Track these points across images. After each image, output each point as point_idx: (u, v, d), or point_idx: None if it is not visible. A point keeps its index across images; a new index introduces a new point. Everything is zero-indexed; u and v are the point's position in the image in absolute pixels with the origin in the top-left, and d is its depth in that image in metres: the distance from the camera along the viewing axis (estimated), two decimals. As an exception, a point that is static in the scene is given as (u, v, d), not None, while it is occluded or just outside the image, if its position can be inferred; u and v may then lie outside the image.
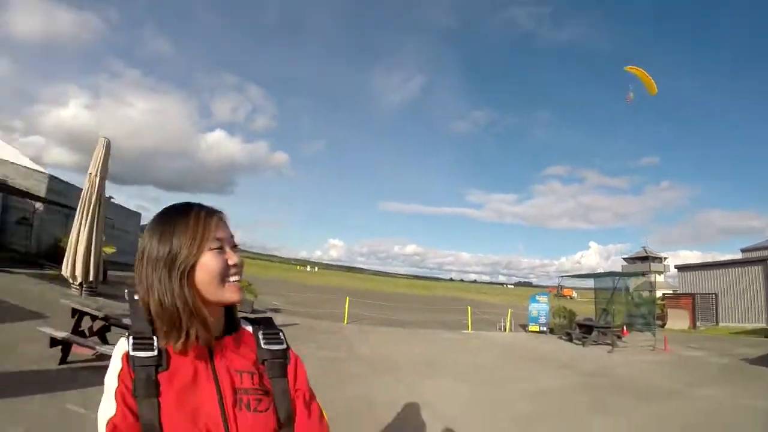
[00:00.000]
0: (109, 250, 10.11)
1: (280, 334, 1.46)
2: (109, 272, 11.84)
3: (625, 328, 17.43)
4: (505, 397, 7.78)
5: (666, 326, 27.47)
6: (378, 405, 6.54)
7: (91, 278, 8.25)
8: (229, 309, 1.40)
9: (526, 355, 12.55)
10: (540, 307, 19.21)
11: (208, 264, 1.28)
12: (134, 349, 1.26)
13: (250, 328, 1.46)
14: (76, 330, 7.00)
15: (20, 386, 5.47)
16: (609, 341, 14.86)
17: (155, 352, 1.26)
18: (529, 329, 19.05)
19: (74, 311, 7.11)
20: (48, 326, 7.09)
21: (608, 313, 19.59)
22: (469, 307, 20.84)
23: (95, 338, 7.20)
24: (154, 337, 1.29)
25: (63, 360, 6.69)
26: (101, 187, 8.39)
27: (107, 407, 1.22)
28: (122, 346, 1.30)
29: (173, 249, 1.29)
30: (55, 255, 16.41)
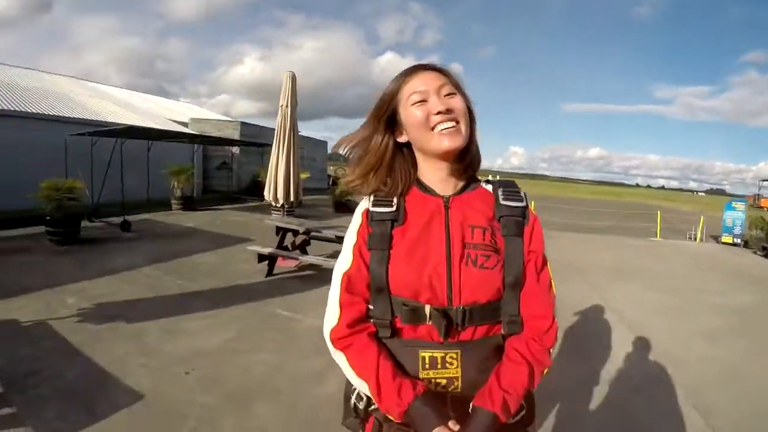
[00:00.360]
0: (304, 175, 10.81)
1: (521, 192, 1.42)
2: (304, 198, 12.76)
3: None
4: (693, 308, 7.22)
5: None
6: (563, 306, 6.47)
7: (291, 198, 8.93)
8: (470, 166, 1.40)
9: (718, 267, 11.47)
10: (736, 216, 17.08)
11: (405, 118, 1.34)
12: (374, 205, 1.37)
13: (491, 188, 1.44)
14: (280, 245, 7.62)
15: (232, 298, 6.04)
16: None
17: (393, 208, 1.35)
18: (722, 240, 16.97)
19: (278, 229, 7.76)
20: (255, 246, 7.79)
21: None
22: (659, 212, 19.66)
23: (297, 252, 7.79)
24: (394, 196, 1.38)
25: (269, 273, 7.31)
26: (293, 116, 8.97)
27: (344, 261, 1.36)
28: (364, 203, 1.42)
29: (379, 104, 1.39)
30: (254, 189, 17.85)
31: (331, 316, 1.33)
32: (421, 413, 1.21)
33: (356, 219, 1.40)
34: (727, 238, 17.07)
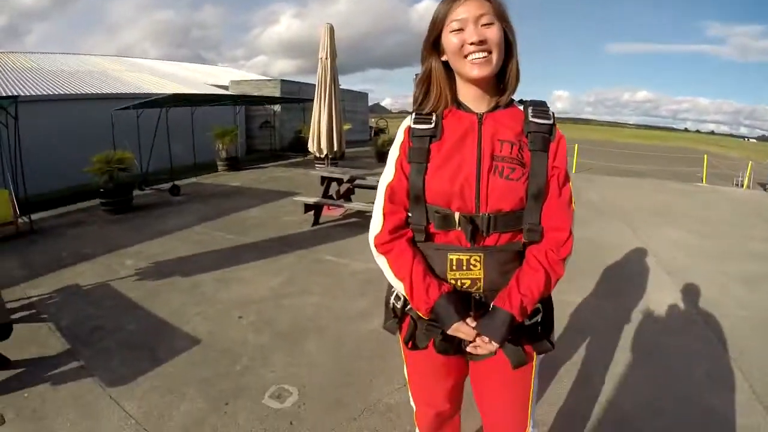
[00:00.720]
0: (346, 126, 10.87)
1: (550, 111, 1.49)
2: (346, 150, 12.86)
3: None
4: (735, 254, 6.95)
5: None
6: (603, 247, 6.38)
7: (335, 149, 9.04)
8: (505, 89, 1.48)
9: (763, 215, 11.01)
10: None
11: (445, 43, 1.43)
12: (415, 122, 1.50)
13: (522, 107, 1.52)
14: (326, 195, 7.80)
15: (281, 247, 6.25)
16: None
17: (431, 125, 1.48)
18: None
19: (323, 179, 7.91)
20: (301, 197, 7.93)
21: None
22: (705, 156, 18.97)
23: (342, 200, 7.91)
24: (433, 113, 1.51)
25: (315, 222, 7.49)
26: (333, 68, 8.99)
27: (388, 173, 1.52)
28: (406, 121, 1.56)
29: (428, 29, 1.48)
30: (296, 146, 18.01)
31: (376, 223, 1.51)
32: (445, 309, 1.39)
33: (399, 135, 1.55)
34: None
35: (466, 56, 1.38)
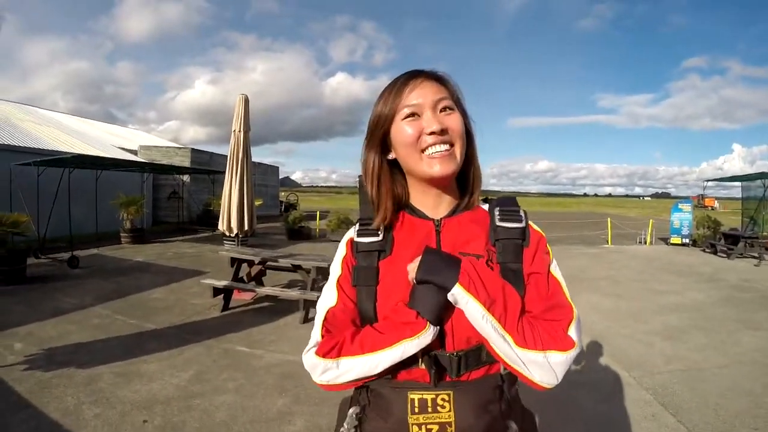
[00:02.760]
0: (258, 202, 10.68)
1: (520, 211, 1.28)
2: (256, 226, 12.71)
3: None
4: (649, 309, 7.60)
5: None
6: None
7: (246, 228, 8.77)
8: (464, 186, 1.30)
9: (669, 268, 12.03)
10: (683, 217, 17.72)
11: (396, 134, 1.21)
12: (359, 235, 1.29)
13: (487, 207, 1.32)
14: (236, 277, 7.49)
15: (188, 335, 5.90)
16: (756, 254, 13.61)
17: (379, 237, 1.27)
18: (671, 241, 17.74)
19: (233, 260, 7.61)
20: (209, 279, 7.62)
21: (756, 223, 18.10)
22: (609, 219, 20.17)
23: (253, 283, 7.64)
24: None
25: (225, 307, 7.17)
26: (246, 140, 8.82)
27: (329, 296, 1.26)
28: (350, 233, 1.34)
29: (372, 120, 1.26)
30: (205, 219, 17.70)
31: (313, 341, 1.22)
32: (416, 293, 1.11)
33: (341, 249, 1.33)
34: (676, 239, 17.77)
35: (424, 149, 1.17)
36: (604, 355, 5.39)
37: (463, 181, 1.29)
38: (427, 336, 1.09)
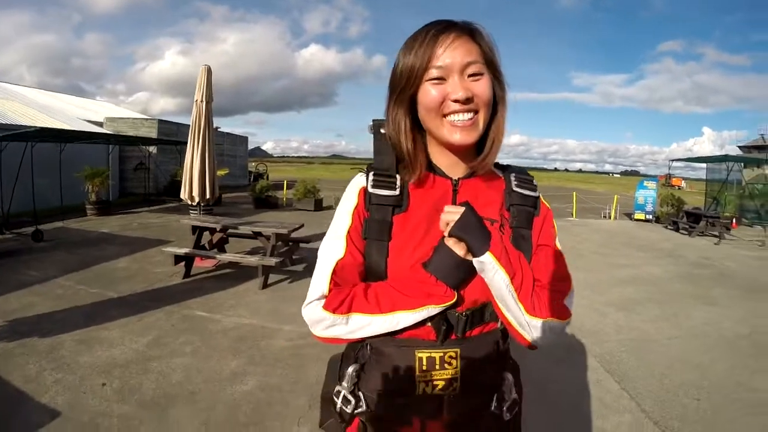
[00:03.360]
0: (221, 172, 10.68)
1: (534, 181, 1.30)
2: (223, 195, 12.69)
3: (734, 220, 16.38)
4: (607, 282, 7.86)
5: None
6: None
7: (207, 196, 8.83)
8: (487, 155, 1.22)
9: (630, 243, 12.33)
10: (647, 194, 18.23)
11: (421, 97, 1.15)
12: (374, 186, 1.23)
13: (501, 174, 1.32)
14: (197, 245, 7.64)
15: (149, 302, 6.05)
16: (716, 233, 14.02)
17: (396, 192, 1.22)
18: (635, 217, 18.27)
19: (194, 228, 7.77)
20: (171, 247, 7.75)
21: (718, 203, 18.53)
22: (574, 194, 20.47)
23: (215, 250, 7.79)
24: (397, 176, 1.24)
25: (187, 274, 7.32)
26: (209, 111, 8.81)
27: (335, 246, 1.21)
28: (360, 181, 1.28)
29: (397, 74, 1.18)
30: (172, 190, 17.59)
31: (317, 293, 1.19)
32: (440, 255, 1.13)
33: (350, 198, 1.26)
34: (639, 215, 18.15)
35: (445, 115, 1.13)
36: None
37: (482, 142, 1.22)
38: (452, 302, 1.12)
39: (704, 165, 21.22)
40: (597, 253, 10.46)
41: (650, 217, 17.98)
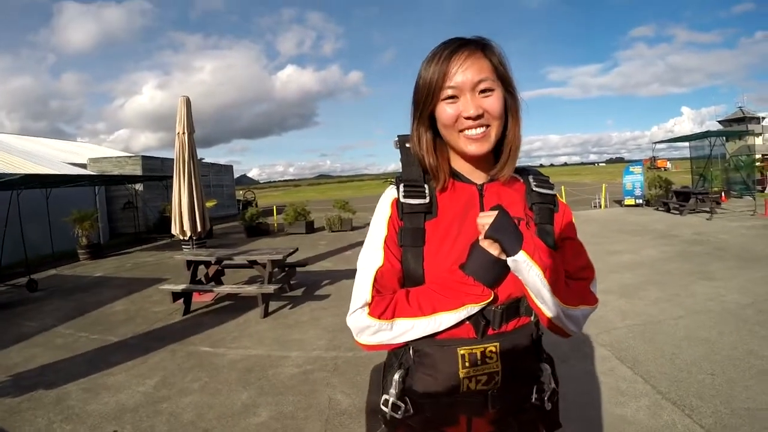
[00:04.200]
0: (210, 203, 10.67)
1: (551, 180, 1.41)
2: (214, 227, 12.70)
3: (723, 194, 16.60)
4: (605, 269, 7.90)
5: (767, 190, 24.73)
6: None
7: (199, 229, 8.76)
8: (507, 161, 1.31)
9: (624, 228, 12.47)
10: (635, 179, 18.44)
11: (439, 115, 1.24)
12: (405, 196, 1.30)
13: (520, 176, 1.40)
14: (194, 280, 7.58)
15: (151, 343, 5.99)
16: (707, 208, 14.23)
17: (426, 200, 1.29)
18: (625, 203, 18.53)
19: (189, 263, 7.68)
20: (168, 285, 7.72)
21: (705, 180, 18.73)
22: (563, 187, 20.59)
23: (212, 283, 7.75)
24: (425, 185, 1.31)
25: (186, 311, 7.26)
26: (191, 142, 8.73)
27: (374, 256, 1.28)
28: (392, 193, 1.35)
29: (418, 93, 1.28)
30: (162, 226, 17.52)
31: (360, 302, 1.25)
32: (476, 256, 1.20)
33: (384, 209, 1.34)
34: (629, 201, 18.32)
35: (461, 130, 1.22)
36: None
37: (499, 148, 1.30)
38: (490, 300, 1.19)
39: (687, 144, 21.45)
40: (591, 243, 10.48)
41: (640, 201, 18.15)
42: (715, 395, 3.72)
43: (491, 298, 1.19)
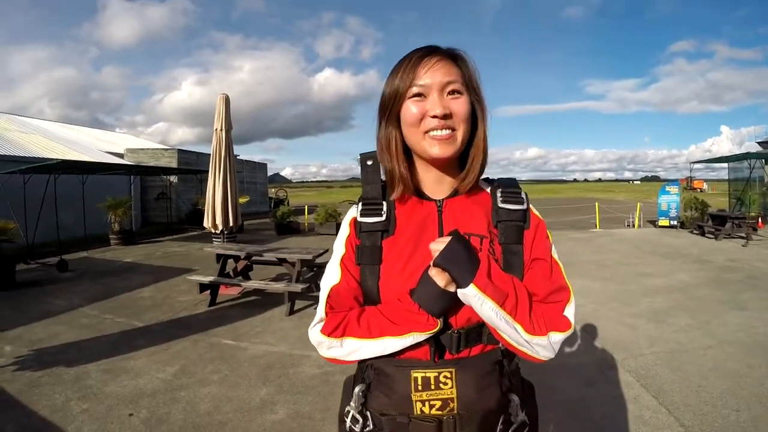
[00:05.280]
0: (243, 200, 10.73)
1: (522, 193, 1.30)
2: (245, 222, 12.80)
3: (760, 219, 16.08)
4: (636, 292, 7.68)
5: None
6: None
7: (231, 224, 8.80)
8: (469, 171, 1.25)
9: (657, 251, 12.14)
10: (670, 200, 17.80)
11: (403, 113, 1.20)
12: (362, 215, 1.29)
13: (489, 189, 1.33)
14: (222, 273, 7.57)
15: (175, 331, 5.98)
16: (743, 234, 13.73)
17: (383, 218, 1.27)
18: (659, 224, 17.90)
19: (218, 256, 7.70)
20: (196, 276, 7.73)
21: (743, 204, 18.21)
22: (597, 204, 20.30)
23: (240, 278, 7.72)
24: (384, 203, 1.29)
25: (212, 302, 7.25)
26: (228, 139, 8.83)
27: (332, 274, 1.28)
28: (352, 212, 1.35)
29: (384, 95, 1.25)
30: (194, 218, 17.73)
31: (317, 318, 1.25)
32: (423, 284, 1.14)
33: (344, 229, 1.34)
34: (664, 221, 17.84)
35: (426, 131, 1.17)
36: (589, 339, 5.50)
37: (466, 162, 1.26)
38: (436, 330, 1.14)
39: (725, 165, 20.96)
40: (623, 264, 10.27)
41: (675, 222, 17.69)
42: (740, 432, 3.55)
43: (437, 328, 1.13)
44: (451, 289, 1.11)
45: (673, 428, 3.60)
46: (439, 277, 1.11)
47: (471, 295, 1.08)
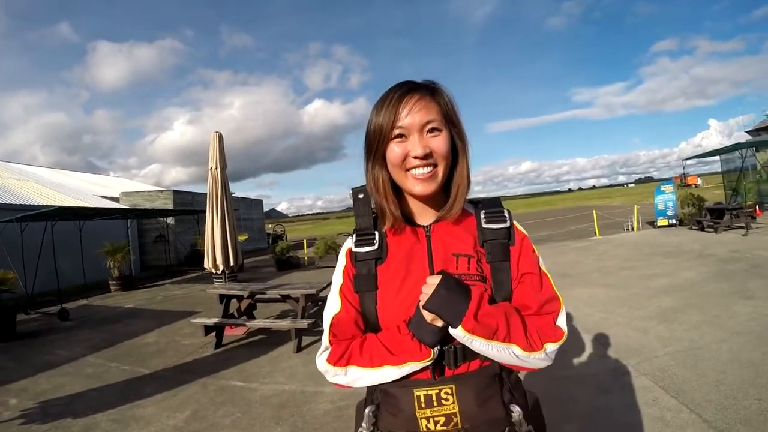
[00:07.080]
0: (242, 237, 10.72)
1: (505, 212, 1.36)
2: (245, 260, 12.78)
3: (757, 207, 16.16)
4: (642, 295, 7.68)
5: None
6: None
7: (231, 263, 8.75)
8: (455, 199, 1.32)
9: (658, 251, 12.16)
10: (666, 199, 17.99)
11: (388, 155, 1.27)
12: (356, 245, 1.37)
13: (473, 210, 1.40)
14: (226, 313, 7.47)
15: (183, 376, 5.86)
16: (742, 224, 13.92)
17: (375, 246, 1.34)
18: (658, 224, 18.10)
19: (221, 296, 7.58)
20: (200, 318, 7.61)
21: (738, 194, 18.31)
22: (594, 211, 20.33)
23: (244, 317, 7.61)
24: (375, 232, 1.37)
25: (218, 344, 7.12)
26: (224, 177, 8.83)
27: (333, 304, 1.36)
28: (347, 244, 1.42)
29: (368, 134, 1.31)
30: (193, 259, 17.69)
31: (323, 349, 1.32)
32: (417, 318, 1.20)
33: (340, 260, 1.41)
34: (662, 221, 17.94)
35: (408, 169, 1.25)
36: (600, 347, 5.44)
37: (449, 187, 1.34)
38: (431, 359, 1.21)
39: (718, 158, 21.07)
40: (625, 268, 10.26)
41: (673, 221, 17.76)
42: (763, 421, 3.49)
43: (431, 357, 1.20)
44: (440, 325, 1.17)
45: (696, 425, 3.55)
46: (430, 317, 1.17)
47: (460, 336, 1.14)
